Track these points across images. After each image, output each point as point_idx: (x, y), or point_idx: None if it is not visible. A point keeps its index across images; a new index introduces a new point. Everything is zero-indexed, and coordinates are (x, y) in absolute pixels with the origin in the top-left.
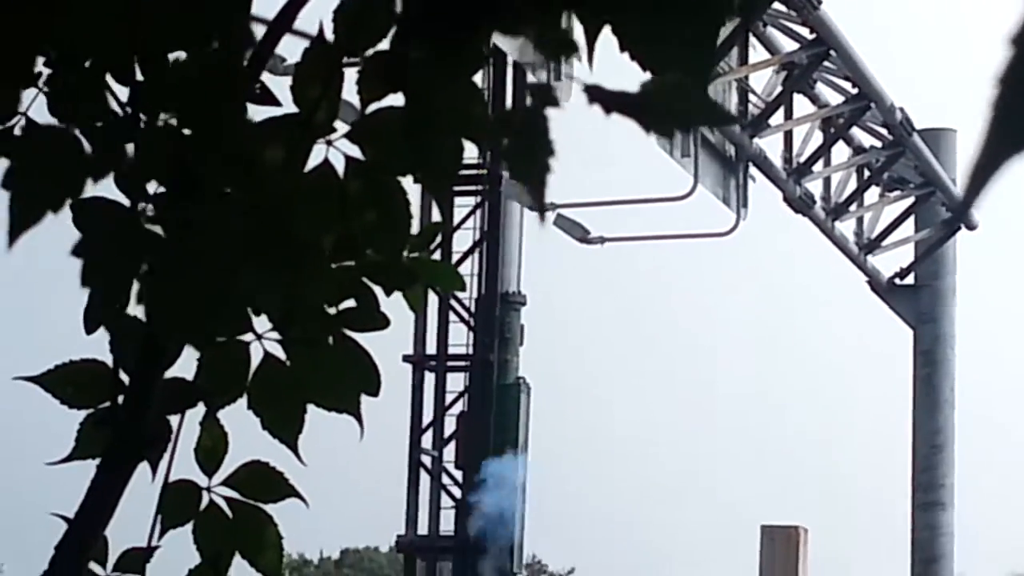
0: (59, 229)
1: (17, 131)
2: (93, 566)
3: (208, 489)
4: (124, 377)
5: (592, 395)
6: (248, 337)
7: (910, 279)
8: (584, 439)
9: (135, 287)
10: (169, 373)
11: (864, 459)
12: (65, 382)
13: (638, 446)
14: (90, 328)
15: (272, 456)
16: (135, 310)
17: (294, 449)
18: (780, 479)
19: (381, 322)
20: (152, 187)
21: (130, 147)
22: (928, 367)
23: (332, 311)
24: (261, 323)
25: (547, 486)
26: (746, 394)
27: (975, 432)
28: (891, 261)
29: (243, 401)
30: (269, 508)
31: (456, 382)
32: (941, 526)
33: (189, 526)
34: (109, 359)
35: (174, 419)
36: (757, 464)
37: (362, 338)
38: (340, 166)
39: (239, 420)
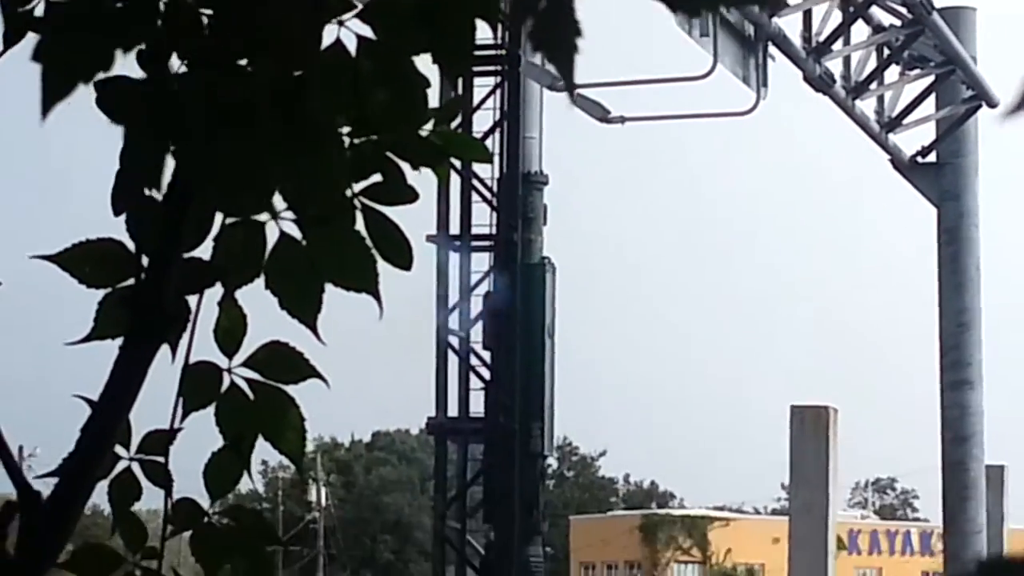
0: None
1: (39, 11)
2: (117, 448)
3: (229, 371)
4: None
5: (618, 275)
6: (263, 217)
7: (932, 157)
8: (612, 320)
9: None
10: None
11: (892, 339)
12: (82, 261)
13: (667, 327)
14: (118, 209)
15: (299, 341)
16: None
17: (313, 328)
18: (809, 359)
19: (409, 195)
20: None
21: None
22: (952, 245)
23: (357, 186)
24: (276, 202)
25: (576, 368)
26: (772, 275)
27: (1002, 310)
28: (913, 139)
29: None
30: (293, 391)
31: (481, 262)
32: (970, 405)
33: (211, 408)
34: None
35: (192, 301)
36: (786, 345)
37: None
38: (352, 46)
39: (265, 305)
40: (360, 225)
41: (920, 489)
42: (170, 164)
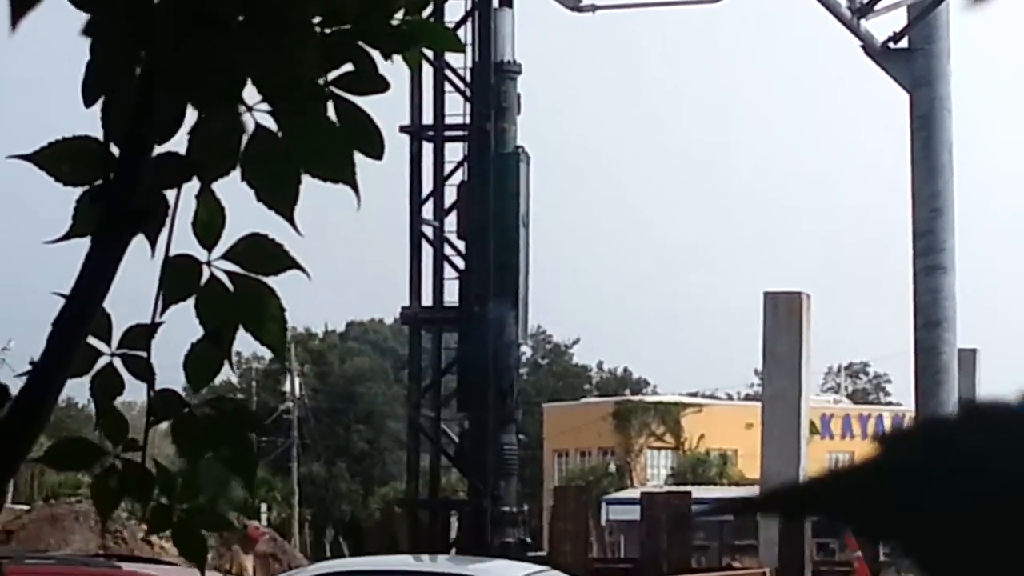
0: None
1: None
2: (98, 343)
3: (208, 263)
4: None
5: (592, 165)
6: (239, 109)
7: (904, 43)
8: (586, 209)
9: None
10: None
11: (865, 225)
12: (60, 159)
13: (640, 216)
14: (89, 100)
15: (275, 233)
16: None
17: (290, 220)
18: (782, 246)
19: (381, 85)
20: None
21: None
22: (925, 131)
23: (330, 76)
24: (250, 95)
25: (550, 256)
26: (746, 162)
27: (974, 195)
28: (885, 25)
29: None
30: (272, 282)
31: (454, 152)
32: (943, 289)
33: (191, 303)
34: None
35: (171, 195)
36: (759, 231)
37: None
38: None
39: (241, 198)
40: (331, 115)
41: (893, 374)
42: (140, 54)
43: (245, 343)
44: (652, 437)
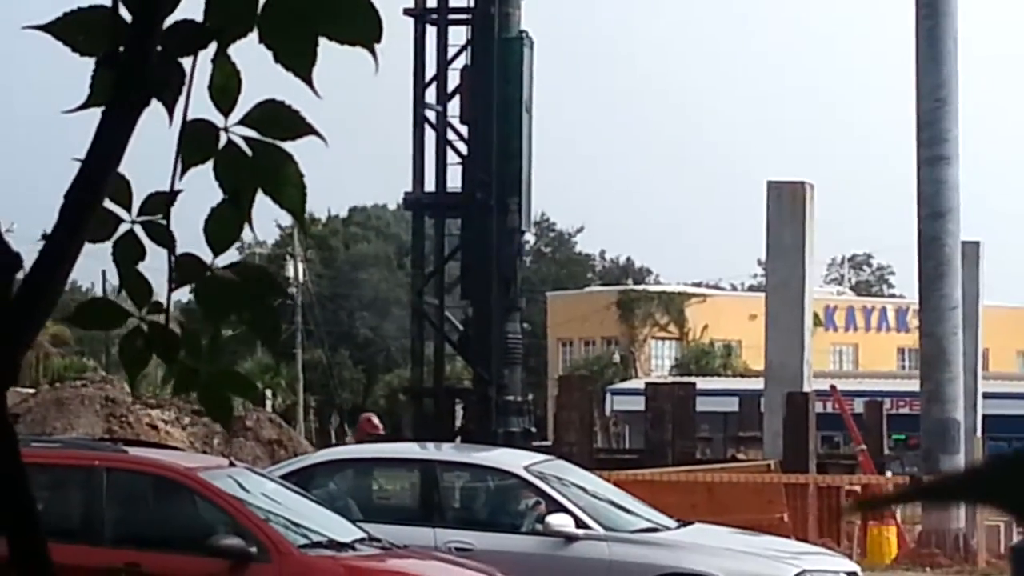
0: None
1: None
2: (119, 211)
3: (225, 129)
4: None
5: (598, 52)
6: None
7: None
8: (590, 96)
9: None
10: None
11: (869, 115)
12: (75, 29)
13: (644, 105)
14: None
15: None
16: None
17: (308, 81)
18: (786, 136)
19: None
20: None
21: None
22: (931, 19)
23: None
24: None
25: (554, 143)
26: (748, 51)
27: (979, 85)
28: None
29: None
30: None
31: (458, 36)
32: (947, 179)
33: (210, 170)
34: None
35: (187, 63)
36: (762, 121)
37: None
38: None
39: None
40: None
41: (896, 265)
42: None
43: (246, 231)
44: (656, 327)
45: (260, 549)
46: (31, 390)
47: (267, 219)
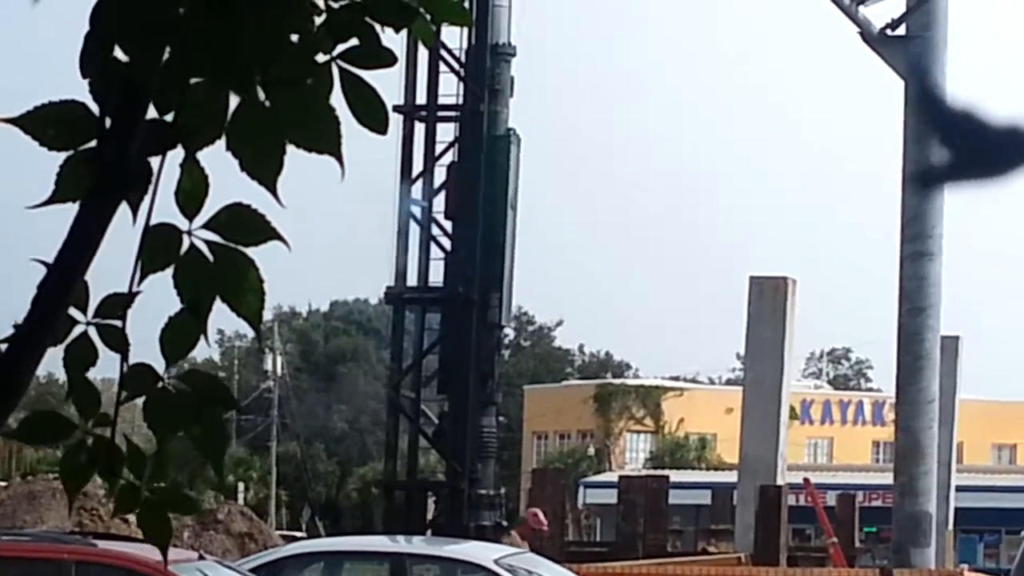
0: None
1: None
2: (74, 312)
3: (189, 232)
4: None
5: (583, 150)
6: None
7: (901, 30)
8: (574, 193)
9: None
10: None
11: (853, 212)
12: (46, 123)
13: (628, 201)
14: (87, 72)
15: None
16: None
17: (273, 190)
18: (769, 231)
19: (387, 59)
20: None
21: None
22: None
23: (336, 50)
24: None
25: (535, 237)
26: (736, 146)
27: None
28: (883, 11)
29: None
30: (259, 261)
31: (446, 132)
32: (929, 276)
33: (170, 277)
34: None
35: (154, 163)
36: (746, 217)
37: None
38: None
39: (225, 171)
40: (337, 89)
41: (875, 360)
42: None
43: (229, 321)
44: (632, 420)
45: None
46: (3, 483)
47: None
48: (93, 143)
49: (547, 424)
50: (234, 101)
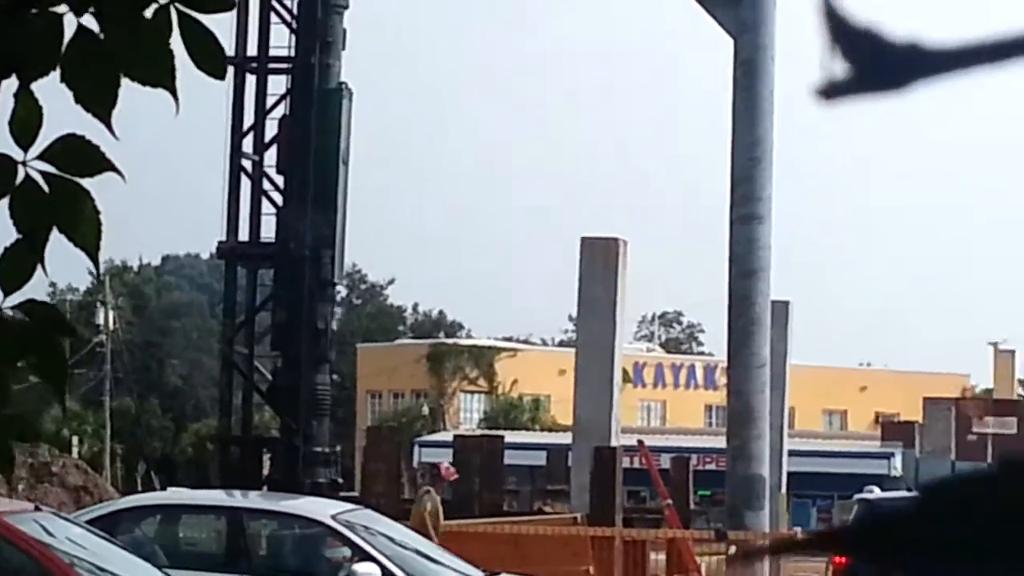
0: None
1: None
2: None
3: (24, 163)
4: None
5: (416, 103)
6: (62, 8)
7: None
8: (405, 146)
9: None
10: None
11: (683, 173)
12: None
13: (461, 157)
14: None
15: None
16: None
17: (107, 123)
18: (601, 192)
19: (224, 3)
20: None
21: None
22: (748, 77)
23: None
24: None
25: (368, 194)
26: (566, 104)
27: (792, 144)
28: None
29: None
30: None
31: (278, 85)
32: (759, 239)
33: (4, 203)
34: None
35: None
36: (577, 177)
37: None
38: None
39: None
40: (175, 32)
41: (706, 323)
42: None
43: (60, 274)
44: (466, 381)
45: None
46: None
47: (79, 266)
48: None
49: (381, 383)
50: (69, 33)
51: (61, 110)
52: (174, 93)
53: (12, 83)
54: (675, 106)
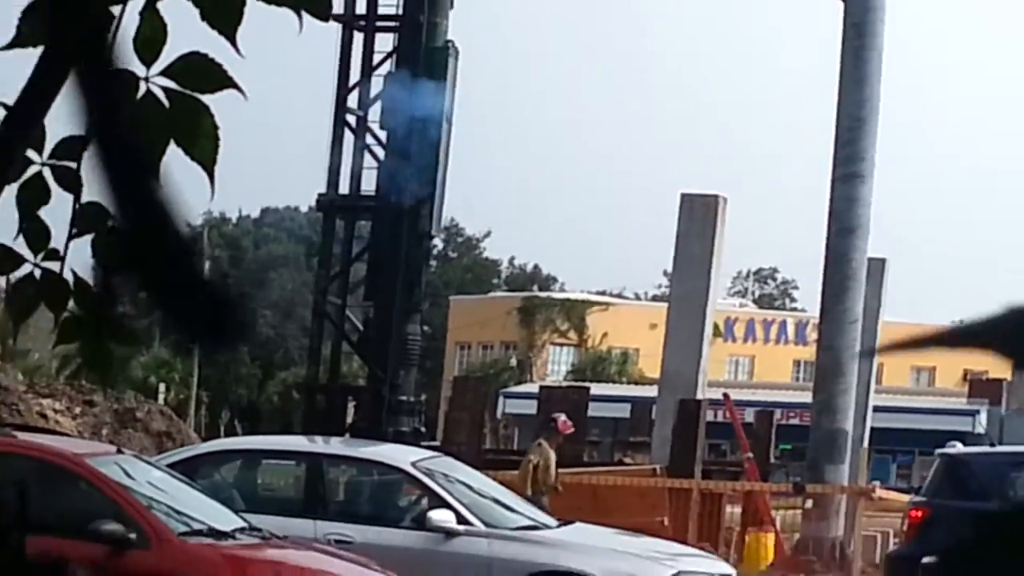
0: None
1: None
2: (30, 153)
3: (147, 79)
4: None
5: (523, 65)
6: None
7: None
8: (511, 108)
9: None
10: None
11: (787, 131)
12: None
13: (564, 115)
14: None
15: None
16: None
17: (232, 40)
18: (702, 149)
19: None
20: None
21: None
22: (858, 39)
23: None
24: None
25: (467, 148)
26: (672, 65)
27: (900, 107)
28: None
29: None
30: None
31: (384, 43)
32: (859, 197)
33: None
34: None
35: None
36: (679, 134)
37: None
38: None
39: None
40: None
41: (800, 280)
42: None
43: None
44: (556, 333)
45: (140, 535)
46: None
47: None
48: None
49: (471, 335)
50: None
51: (184, 33)
52: (297, 10)
53: (138, 3)
54: (779, 66)
